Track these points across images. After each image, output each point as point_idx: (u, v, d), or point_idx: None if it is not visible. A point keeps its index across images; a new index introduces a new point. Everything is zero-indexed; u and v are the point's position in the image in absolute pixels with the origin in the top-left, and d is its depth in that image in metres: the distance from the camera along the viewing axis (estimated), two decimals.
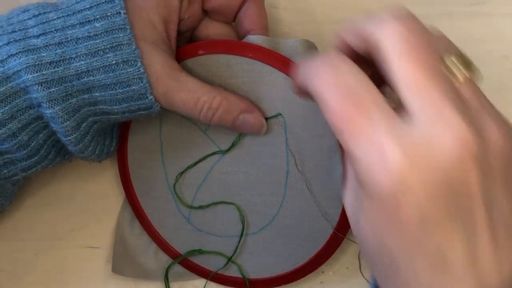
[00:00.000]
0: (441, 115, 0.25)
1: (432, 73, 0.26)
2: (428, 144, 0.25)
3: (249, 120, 0.39)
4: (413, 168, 0.25)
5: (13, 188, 0.41)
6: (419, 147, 0.25)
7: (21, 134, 0.36)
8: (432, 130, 0.25)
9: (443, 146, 0.25)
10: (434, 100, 0.26)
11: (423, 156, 0.25)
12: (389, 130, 0.26)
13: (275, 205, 0.41)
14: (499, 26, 0.44)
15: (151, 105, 0.37)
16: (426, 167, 0.25)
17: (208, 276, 0.44)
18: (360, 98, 0.27)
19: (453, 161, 0.25)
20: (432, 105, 0.26)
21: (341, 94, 0.27)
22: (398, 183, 0.25)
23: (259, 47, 0.39)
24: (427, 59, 0.26)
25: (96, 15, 0.35)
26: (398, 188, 0.25)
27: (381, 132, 0.26)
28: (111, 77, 0.35)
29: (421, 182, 0.25)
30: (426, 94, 0.26)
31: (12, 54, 0.34)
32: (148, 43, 0.36)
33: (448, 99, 0.26)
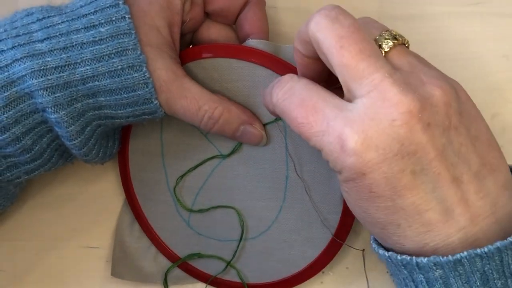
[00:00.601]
0: (380, 92, 0.29)
1: (363, 56, 0.30)
2: (375, 120, 0.29)
3: (249, 132, 0.39)
4: (368, 145, 0.29)
5: (15, 190, 0.41)
6: (369, 126, 0.29)
7: (25, 139, 0.36)
8: (377, 106, 0.29)
9: (387, 117, 0.29)
10: (371, 80, 0.29)
11: (373, 132, 0.29)
12: (342, 120, 0.30)
13: (275, 210, 0.41)
14: (499, 26, 0.44)
15: (156, 109, 0.37)
16: (378, 140, 0.29)
17: (207, 280, 0.44)
18: (311, 103, 0.31)
19: (399, 126, 0.29)
20: (370, 85, 0.29)
21: (297, 106, 0.31)
22: (360, 161, 0.29)
23: (261, 51, 0.39)
24: (356, 43, 0.30)
25: (101, 20, 0.35)
26: (361, 166, 0.29)
27: (335, 125, 0.30)
28: (116, 82, 0.35)
29: (377, 153, 0.29)
30: (363, 77, 0.29)
31: (17, 59, 0.34)
32: (153, 48, 0.36)
33: (382, 75, 0.29)
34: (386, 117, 0.29)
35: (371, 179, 0.30)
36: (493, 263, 0.29)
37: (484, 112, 0.44)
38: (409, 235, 0.30)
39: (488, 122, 0.43)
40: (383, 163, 0.29)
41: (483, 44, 0.44)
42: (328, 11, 0.31)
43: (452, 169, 0.30)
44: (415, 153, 0.29)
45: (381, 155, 0.29)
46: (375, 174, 0.29)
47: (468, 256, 0.28)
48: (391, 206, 0.30)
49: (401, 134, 0.29)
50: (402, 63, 0.31)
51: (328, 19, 0.30)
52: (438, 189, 0.29)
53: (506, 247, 0.28)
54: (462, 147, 0.30)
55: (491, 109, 0.43)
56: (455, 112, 0.30)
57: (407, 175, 0.29)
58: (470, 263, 0.29)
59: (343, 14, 0.31)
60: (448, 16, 0.44)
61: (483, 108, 0.44)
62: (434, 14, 0.44)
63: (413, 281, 0.31)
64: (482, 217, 0.30)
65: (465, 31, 0.44)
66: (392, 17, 0.44)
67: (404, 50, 0.32)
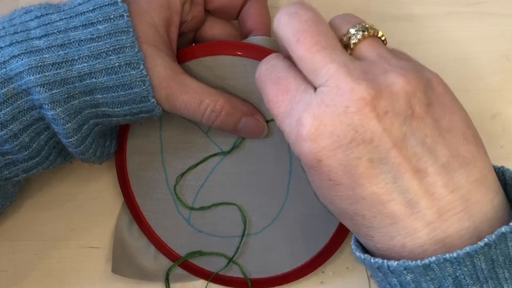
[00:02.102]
0: (335, 80, 0.29)
1: (318, 47, 0.30)
2: (330, 107, 0.29)
3: (250, 124, 0.39)
4: (322, 131, 0.29)
5: (13, 189, 0.41)
6: (324, 112, 0.29)
7: (23, 136, 0.36)
8: (332, 94, 0.29)
9: (342, 104, 0.29)
10: (327, 70, 0.30)
11: (328, 118, 0.29)
12: (303, 104, 0.30)
13: (277, 205, 0.41)
14: (499, 26, 0.44)
15: (153, 108, 0.37)
16: (332, 127, 0.29)
17: (209, 277, 0.44)
18: (285, 83, 0.31)
19: (352, 113, 0.29)
20: (326, 75, 0.30)
21: (272, 82, 0.32)
22: (315, 147, 0.29)
23: (262, 48, 0.39)
24: (312, 36, 0.31)
25: (99, 18, 0.35)
26: (316, 152, 0.29)
27: (297, 108, 0.30)
28: (113, 79, 0.35)
29: (332, 140, 0.29)
30: (319, 68, 0.30)
31: (15, 56, 0.34)
32: (151, 46, 0.36)
33: (337, 65, 0.30)
34: (340, 104, 0.29)
35: (328, 166, 0.29)
36: (464, 268, 0.28)
37: (484, 112, 0.44)
38: (376, 226, 0.30)
39: (488, 122, 0.43)
40: (338, 150, 0.29)
41: (483, 44, 0.44)
42: (288, 7, 0.32)
43: (415, 159, 0.29)
44: (371, 141, 0.29)
45: (335, 141, 0.29)
46: (331, 160, 0.29)
47: (436, 261, 0.28)
48: (352, 195, 0.30)
49: (355, 121, 0.29)
50: (369, 54, 0.31)
51: (287, 15, 0.32)
52: (399, 180, 0.29)
53: (477, 251, 0.27)
54: (427, 138, 0.29)
55: (491, 109, 0.43)
56: (421, 103, 0.29)
57: (364, 163, 0.29)
58: (440, 268, 0.28)
59: (303, 9, 0.32)
60: (448, 16, 0.44)
61: (483, 108, 0.44)
62: (434, 14, 0.44)
63: (389, 284, 0.30)
64: (452, 213, 0.29)
65: (465, 31, 0.44)
66: (392, 17, 0.44)
67: (376, 42, 0.32)
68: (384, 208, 0.29)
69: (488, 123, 0.43)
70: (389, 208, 0.29)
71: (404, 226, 0.29)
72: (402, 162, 0.29)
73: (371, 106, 0.29)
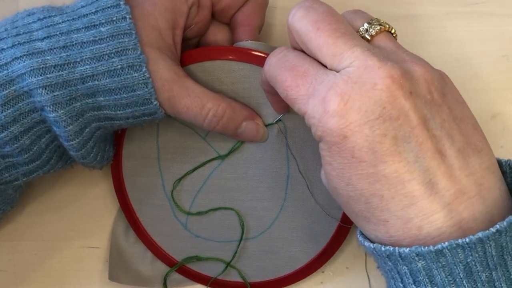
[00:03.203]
0: (361, 60, 0.30)
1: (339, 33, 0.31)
2: (358, 83, 0.30)
3: (251, 128, 0.39)
4: (350, 106, 0.29)
5: (14, 194, 0.41)
6: (352, 88, 0.30)
7: (23, 138, 0.36)
8: (359, 72, 0.30)
9: (370, 81, 0.29)
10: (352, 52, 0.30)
11: (356, 94, 0.29)
12: (327, 84, 0.30)
13: (275, 209, 0.41)
14: (499, 26, 0.44)
15: (156, 110, 0.37)
16: (360, 102, 0.29)
17: (206, 282, 0.44)
18: (302, 69, 0.32)
19: (380, 90, 0.29)
20: (351, 57, 0.30)
21: (287, 70, 0.32)
22: (342, 122, 0.30)
23: (262, 53, 0.39)
24: (330, 24, 0.31)
25: (101, 20, 0.35)
26: (343, 127, 0.30)
27: (321, 89, 0.30)
28: (116, 81, 0.35)
29: (360, 115, 0.29)
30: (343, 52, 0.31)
31: (17, 57, 0.34)
32: (154, 49, 0.36)
33: (361, 48, 0.30)
34: (368, 81, 0.29)
35: (353, 142, 0.30)
36: (475, 254, 0.28)
37: (484, 112, 0.44)
38: (392, 209, 0.30)
39: (488, 122, 0.43)
40: (365, 126, 0.29)
41: (483, 44, 0.44)
42: (303, 2, 0.33)
43: (435, 141, 0.30)
44: (398, 119, 0.29)
45: (363, 117, 0.29)
46: (357, 136, 0.29)
47: (449, 246, 0.28)
48: (373, 173, 0.30)
49: (383, 98, 0.29)
50: (386, 44, 0.32)
51: (303, 8, 0.32)
52: (421, 159, 0.29)
53: (489, 237, 0.28)
54: (444, 123, 0.30)
55: (491, 109, 0.43)
56: (438, 91, 0.31)
57: (389, 139, 0.29)
58: (452, 254, 0.28)
59: (317, 3, 0.32)
60: (448, 16, 0.44)
61: (483, 108, 0.44)
62: (434, 14, 0.44)
63: (398, 273, 0.30)
64: (467, 196, 0.29)
65: (465, 31, 0.44)
66: (392, 17, 0.44)
67: (390, 36, 0.33)
68: (403, 187, 0.29)
69: (488, 123, 0.43)
70: (409, 187, 0.29)
71: (422, 207, 0.29)
72: (424, 141, 0.29)
73: (398, 85, 0.29)
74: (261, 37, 0.43)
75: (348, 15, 0.34)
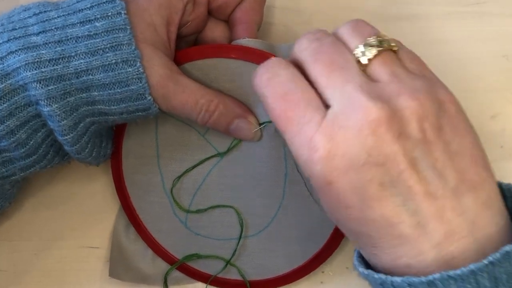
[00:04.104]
0: (350, 100, 0.29)
1: (335, 67, 0.30)
2: (344, 128, 0.29)
3: (242, 126, 0.39)
4: (335, 153, 0.29)
5: (12, 190, 0.41)
6: (337, 133, 0.29)
7: (20, 132, 0.36)
8: (346, 114, 0.29)
9: (356, 125, 0.28)
10: (342, 89, 0.29)
11: (342, 140, 0.29)
12: (314, 125, 0.29)
13: (274, 207, 0.41)
14: (499, 26, 0.44)
15: (149, 105, 0.37)
16: (346, 148, 0.29)
17: (207, 279, 0.44)
18: (293, 99, 0.31)
19: (366, 135, 0.28)
20: (341, 94, 0.29)
21: (278, 96, 0.31)
22: (327, 169, 0.29)
23: (257, 50, 0.39)
24: (328, 55, 0.31)
25: (96, 15, 0.35)
26: (328, 174, 0.29)
27: (308, 129, 0.30)
28: (110, 76, 0.35)
29: (344, 162, 0.29)
30: (335, 87, 0.30)
31: (12, 52, 0.34)
32: (148, 45, 0.36)
33: (353, 85, 0.29)
34: (354, 125, 0.28)
35: (338, 188, 0.29)
36: (468, 285, 0.27)
37: (484, 112, 0.44)
38: (381, 246, 0.29)
39: (488, 122, 0.43)
40: (350, 172, 0.29)
41: (483, 44, 0.44)
42: (310, 34, 0.32)
43: (425, 183, 0.29)
44: (384, 164, 0.28)
45: (348, 164, 0.29)
46: (342, 183, 0.29)
47: (441, 277, 0.27)
48: (361, 217, 0.29)
49: (369, 144, 0.28)
50: (382, 73, 0.30)
51: (307, 41, 0.32)
52: (410, 202, 0.28)
53: (481, 269, 0.27)
54: (437, 162, 0.29)
55: (491, 109, 0.43)
56: (432, 126, 0.29)
57: (375, 185, 0.28)
58: (444, 285, 0.27)
59: (324, 35, 0.32)
60: (448, 16, 0.44)
61: (483, 108, 0.44)
62: (434, 14, 0.44)
63: None
64: (458, 236, 0.28)
65: (465, 31, 0.44)
66: (392, 17, 0.45)
67: (388, 59, 0.31)
68: (392, 230, 0.29)
69: (488, 123, 0.43)
70: (398, 230, 0.29)
71: (411, 247, 0.29)
72: (413, 185, 0.28)
73: (385, 128, 0.28)
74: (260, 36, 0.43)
75: (346, 31, 0.32)
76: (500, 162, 0.43)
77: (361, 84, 0.29)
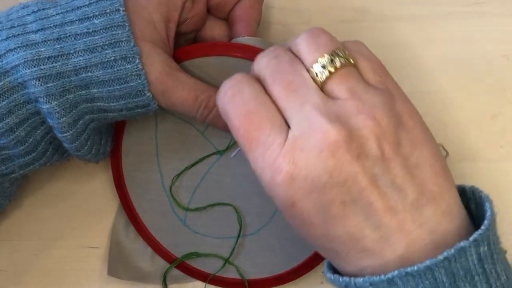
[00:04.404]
0: (309, 123, 0.30)
1: (293, 87, 0.31)
2: (305, 151, 0.29)
3: None
4: (297, 175, 0.29)
5: (11, 188, 0.41)
6: (299, 156, 0.29)
7: (19, 130, 0.36)
8: (305, 137, 0.29)
9: (315, 148, 0.29)
10: (301, 112, 0.30)
11: (303, 162, 0.29)
12: (277, 148, 0.30)
13: (273, 206, 0.41)
14: (499, 26, 0.44)
15: (149, 102, 0.37)
16: (308, 169, 0.29)
17: (205, 278, 0.44)
18: (256, 119, 0.31)
19: (326, 157, 0.29)
20: (300, 117, 0.30)
21: (241, 115, 0.31)
22: (289, 192, 0.30)
23: (256, 48, 0.39)
24: (286, 76, 0.31)
25: (95, 12, 0.35)
26: (290, 196, 0.30)
27: (271, 153, 0.30)
28: (109, 73, 0.35)
29: (306, 184, 0.29)
30: (293, 109, 0.30)
31: (11, 49, 0.35)
32: (147, 42, 0.36)
33: (311, 107, 0.30)
34: (314, 148, 0.29)
35: (301, 208, 0.30)
36: (426, 281, 0.28)
37: (484, 112, 0.44)
38: (348, 259, 0.31)
39: (488, 122, 0.43)
40: (312, 193, 0.30)
41: (483, 44, 0.44)
42: (269, 52, 0.32)
43: (386, 199, 0.30)
44: (345, 184, 0.29)
45: (310, 185, 0.29)
46: (305, 203, 0.30)
47: (399, 274, 0.28)
48: (326, 234, 0.30)
49: (329, 165, 0.29)
50: (339, 90, 0.31)
51: (266, 58, 0.32)
52: (372, 218, 0.30)
53: (437, 264, 0.28)
54: (397, 177, 0.30)
55: (491, 109, 0.43)
56: (390, 143, 0.30)
57: (337, 204, 0.29)
58: (403, 282, 0.29)
59: (282, 52, 0.32)
60: (448, 16, 0.44)
61: (483, 108, 0.44)
62: (435, 14, 0.44)
63: None
64: (419, 245, 0.30)
65: (465, 31, 0.44)
66: (392, 17, 0.44)
67: (346, 75, 0.31)
68: (357, 244, 0.30)
69: (488, 123, 0.43)
70: (362, 244, 0.30)
71: (375, 259, 0.30)
72: (374, 201, 0.29)
73: (344, 149, 0.29)
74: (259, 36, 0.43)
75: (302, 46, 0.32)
76: (500, 162, 0.43)
77: (318, 105, 0.30)
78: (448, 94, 0.43)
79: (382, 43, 0.44)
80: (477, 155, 0.43)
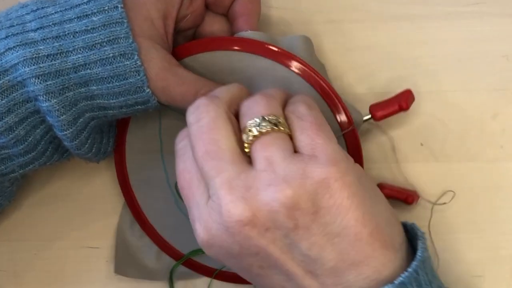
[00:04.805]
0: (217, 198, 0.30)
1: (209, 157, 0.31)
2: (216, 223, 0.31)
3: None
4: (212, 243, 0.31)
5: (11, 187, 0.41)
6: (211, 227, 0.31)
7: (18, 128, 0.36)
8: (214, 212, 0.30)
9: (223, 223, 0.30)
10: (213, 184, 0.30)
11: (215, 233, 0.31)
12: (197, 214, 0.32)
13: None
14: (499, 26, 0.44)
15: (148, 98, 0.37)
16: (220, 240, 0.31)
17: (212, 274, 0.44)
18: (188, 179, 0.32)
19: (233, 233, 0.30)
20: (213, 188, 0.31)
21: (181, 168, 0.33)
22: (209, 252, 0.32)
23: (258, 41, 0.39)
24: (204, 145, 0.31)
25: (93, 9, 0.35)
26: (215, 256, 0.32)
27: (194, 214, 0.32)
28: (108, 70, 0.35)
29: (221, 252, 0.32)
30: (208, 178, 0.31)
31: (10, 48, 0.35)
32: (146, 39, 0.37)
33: (221, 181, 0.30)
34: (222, 223, 0.30)
35: (228, 264, 0.33)
36: None
37: (484, 112, 0.44)
38: None
39: (488, 122, 0.43)
40: (229, 259, 0.32)
41: (483, 44, 0.44)
42: (193, 107, 0.33)
43: (304, 265, 0.31)
44: (258, 254, 0.31)
45: (225, 253, 0.31)
46: (228, 263, 0.33)
47: None
48: (257, 283, 0.33)
49: (238, 240, 0.30)
50: (259, 158, 0.31)
51: (192, 115, 0.33)
52: (292, 280, 0.31)
53: None
54: (313, 246, 0.30)
55: (491, 109, 0.43)
56: (305, 213, 0.30)
57: (256, 268, 0.31)
58: None
59: (204, 112, 0.32)
60: (448, 16, 0.44)
61: (483, 108, 0.44)
62: (434, 14, 0.44)
63: None
64: None
65: (465, 31, 0.44)
66: (392, 17, 0.44)
67: (267, 144, 0.31)
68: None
69: (488, 123, 0.43)
70: None
71: None
72: (290, 268, 0.31)
73: (250, 226, 0.30)
74: None
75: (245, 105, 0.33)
76: (500, 162, 0.43)
77: (229, 180, 0.30)
78: (448, 94, 0.43)
79: (382, 43, 0.44)
80: (477, 155, 0.43)
